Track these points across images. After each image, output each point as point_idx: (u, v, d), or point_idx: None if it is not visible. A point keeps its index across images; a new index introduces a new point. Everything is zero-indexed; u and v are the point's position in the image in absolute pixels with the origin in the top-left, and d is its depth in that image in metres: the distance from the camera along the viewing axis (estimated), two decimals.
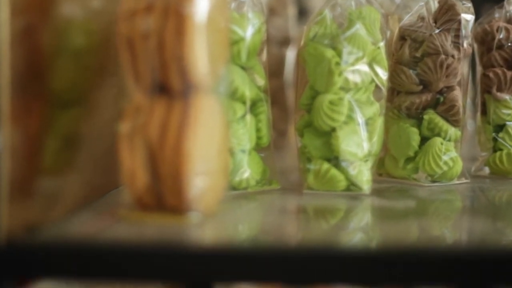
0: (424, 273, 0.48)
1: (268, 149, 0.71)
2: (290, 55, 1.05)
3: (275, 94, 0.94)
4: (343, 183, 0.68)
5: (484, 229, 0.57)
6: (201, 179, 0.55)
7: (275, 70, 1.01)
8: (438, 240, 0.55)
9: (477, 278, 0.48)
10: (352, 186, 0.69)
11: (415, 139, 0.75)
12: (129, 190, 0.56)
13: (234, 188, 0.68)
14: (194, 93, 0.55)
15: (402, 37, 0.77)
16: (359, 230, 0.58)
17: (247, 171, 0.69)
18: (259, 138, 0.70)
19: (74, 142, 0.61)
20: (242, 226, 0.59)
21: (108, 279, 0.51)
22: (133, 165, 0.55)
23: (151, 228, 0.54)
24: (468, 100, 0.89)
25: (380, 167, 0.78)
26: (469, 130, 1.03)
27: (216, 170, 0.57)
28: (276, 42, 1.04)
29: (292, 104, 1.02)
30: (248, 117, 0.69)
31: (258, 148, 0.71)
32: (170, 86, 0.55)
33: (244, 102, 0.69)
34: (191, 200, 0.54)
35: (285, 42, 1.06)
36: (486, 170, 0.82)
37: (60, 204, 0.58)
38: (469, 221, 0.63)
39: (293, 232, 0.59)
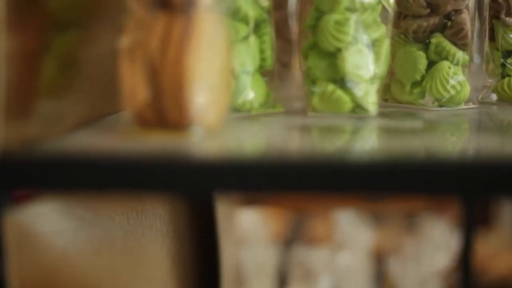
0: (430, 183, 0.47)
1: (271, 73, 0.70)
2: None
3: (279, 26, 0.92)
4: (348, 105, 0.67)
5: (491, 144, 0.56)
6: (203, 95, 0.54)
7: (278, 1, 0.99)
8: (444, 152, 0.54)
9: (481, 188, 0.47)
10: (357, 108, 0.67)
11: (422, 62, 0.74)
12: (130, 106, 0.55)
13: (237, 110, 0.66)
14: (195, 8, 0.54)
15: None
16: (365, 145, 0.57)
17: (251, 93, 0.67)
18: (262, 59, 0.68)
19: (73, 64, 0.60)
20: (244, 142, 0.58)
21: (106, 192, 0.50)
22: (133, 80, 0.54)
23: (152, 143, 0.53)
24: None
25: (386, 93, 0.77)
26: (475, 64, 1.01)
27: (218, 87, 0.56)
28: None
29: (295, 36, 1.00)
30: (252, 38, 0.67)
31: (261, 70, 0.69)
32: (171, 1, 0.54)
33: (247, 23, 0.67)
34: (193, 115, 0.53)
35: None
36: (494, 97, 0.80)
37: (58, 123, 0.57)
38: (476, 139, 0.62)
39: (297, 146, 0.58)
